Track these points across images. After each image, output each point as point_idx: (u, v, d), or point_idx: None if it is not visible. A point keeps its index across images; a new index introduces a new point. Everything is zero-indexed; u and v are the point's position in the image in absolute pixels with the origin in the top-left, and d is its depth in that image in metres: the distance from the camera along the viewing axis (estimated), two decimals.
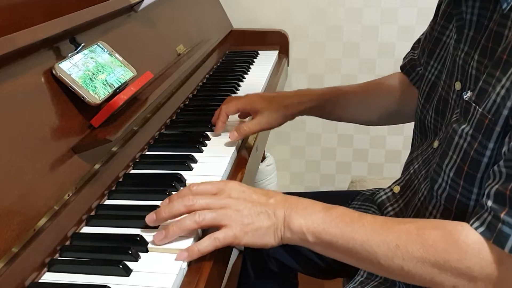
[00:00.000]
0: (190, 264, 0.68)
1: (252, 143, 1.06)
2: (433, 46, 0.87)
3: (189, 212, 0.69)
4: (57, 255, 0.69)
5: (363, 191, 1.07)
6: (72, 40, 0.88)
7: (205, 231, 0.72)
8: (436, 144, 0.81)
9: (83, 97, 0.82)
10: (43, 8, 0.86)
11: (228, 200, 0.69)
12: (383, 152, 1.94)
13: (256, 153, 1.08)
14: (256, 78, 1.42)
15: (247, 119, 1.09)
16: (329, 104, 1.05)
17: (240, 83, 1.37)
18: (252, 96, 1.05)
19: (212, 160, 0.94)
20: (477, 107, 0.65)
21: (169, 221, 0.71)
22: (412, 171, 0.87)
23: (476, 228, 0.61)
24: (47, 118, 0.77)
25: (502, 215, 0.59)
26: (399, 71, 1.07)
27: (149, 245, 0.69)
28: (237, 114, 1.07)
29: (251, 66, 1.52)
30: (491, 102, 0.63)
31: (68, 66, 0.82)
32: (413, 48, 1.03)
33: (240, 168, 0.94)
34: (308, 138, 1.95)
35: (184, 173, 0.87)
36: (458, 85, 0.75)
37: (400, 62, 1.07)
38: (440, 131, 0.82)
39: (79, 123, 0.83)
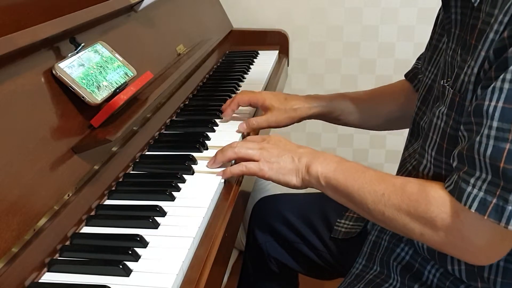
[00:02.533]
0: (190, 263, 0.68)
1: None
2: (431, 53, 0.90)
3: (236, 155, 0.87)
4: (57, 255, 0.69)
5: None
6: (72, 40, 0.88)
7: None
8: (423, 134, 0.83)
9: (83, 97, 0.82)
10: (43, 8, 0.86)
11: (265, 144, 0.87)
12: (383, 152, 1.94)
13: None
14: (256, 78, 1.42)
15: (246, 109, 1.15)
16: (337, 111, 1.10)
17: (240, 83, 1.37)
18: (266, 94, 1.11)
19: None
20: (450, 88, 0.72)
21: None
22: (410, 168, 0.88)
23: (447, 187, 0.69)
24: (47, 118, 0.77)
25: (461, 173, 0.66)
26: (402, 76, 1.10)
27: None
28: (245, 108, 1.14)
29: (251, 66, 1.51)
30: (460, 82, 0.69)
31: (68, 66, 0.82)
32: (418, 58, 1.07)
33: None
34: (308, 138, 1.95)
35: (184, 173, 0.87)
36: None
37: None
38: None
39: (79, 123, 0.83)
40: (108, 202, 0.82)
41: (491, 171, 0.62)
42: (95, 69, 0.88)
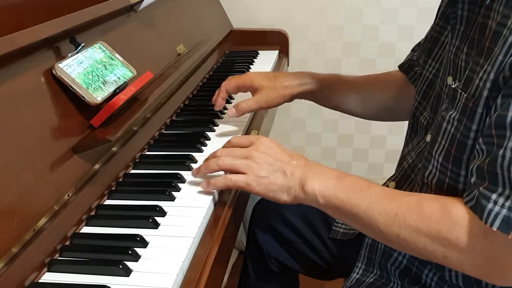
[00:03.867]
0: (190, 263, 0.68)
1: None
2: (432, 46, 0.88)
3: (220, 167, 0.79)
4: (57, 255, 0.69)
5: None
6: (72, 40, 0.87)
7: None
8: (428, 138, 0.83)
9: (83, 97, 0.82)
10: (43, 8, 0.86)
11: (254, 152, 0.77)
12: (383, 152, 1.94)
13: None
14: None
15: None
16: (328, 90, 1.06)
17: None
18: (253, 74, 1.06)
19: None
20: (463, 93, 0.68)
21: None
22: (406, 166, 0.88)
23: (466, 203, 0.64)
24: (47, 118, 0.77)
25: (481, 189, 0.62)
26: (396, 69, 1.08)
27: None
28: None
29: (251, 66, 1.51)
30: (474, 87, 0.66)
31: (68, 66, 0.82)
32: (413, 50, 1.05)
33: None
34: (308, 138, 1.95)
35: (184, 173, 0.87)
36: (450, 79, 0.77)
37: (400, 62, 1.08)
38: (432, 126, 0.82)
39: (79, 123, 0.83)
40: (108, 202, 0.81)
41: None
42: (95, 69, 0.88)
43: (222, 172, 0.81)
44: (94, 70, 0.87)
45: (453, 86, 0.71)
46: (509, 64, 0.61)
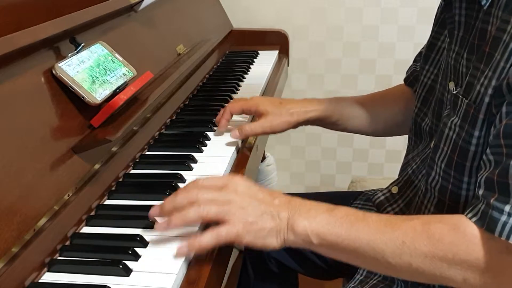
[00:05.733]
0: (190, 263, 0.68)
1: (252, 143, 1.06)
2: (428, 51, 0.88)
3: (201, 217, 0.68)
4: (57, 255, 0.69)
5: (365, 191, 1.07)
6: (72, 40, 0.88)
7: (205, 226, 0.71)
8: (433, 145, 0.82)
9: (83, 97, 0.82)
10: (43, 8, 0.86)
11: (234, 196, 0.68)
12: (383, 152, 1.94)
13: (256, 153, 1.08)
14: (256, 78, 1.42)
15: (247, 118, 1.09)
16: (335, 114, 1.04)
17: (240, 83, 1.37)
18: (259, 99, 1.05)
19: (212, 160, 0.94)
20: (464, 99, 0.67)
21: None
22: (410, 171, 0.88)
23: (470, 218, 0.61)
24: (47, 118, 0.77)
25: (492, 201, 0.59)
26: (402, 76, 1.08)
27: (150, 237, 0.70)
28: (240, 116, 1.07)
29: (251, 66, 1.51)
30: (476, 93, 0.65)
31: (68, 66, 0.82)
32: (415, 60, 1.03)
33: (240, 168, 0.94)
34: (308, 138, 1.95)
35: (184, 173, 0.87)
36: (451, 85, 0.76)
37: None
38: (436, 133, 0.82)
39: (79, 123, 0.83)
40: (108, 202, 0.81)
41: None
42: (95, 69, 0.88)
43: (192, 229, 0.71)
44: (94, 70, 0.87)
45: (454, 92, 0.71)
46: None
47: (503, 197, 0.58)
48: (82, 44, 0.88)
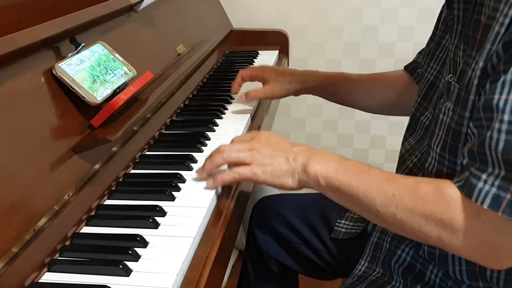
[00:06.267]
0: (190, 263, 0.68)
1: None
2: (434, 50, 0.90)
3: (225, 160, 0.82)
4: (57, 255, 0.69)
5: None
6: (72, 40, 0.88)
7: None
8: (430, 132, 0.83)
9: (83, 97, 0.82)
10: (43, 8, 0.86)
11: (255, 144, 0.82)
12: (383, 152, 1.94)
13: None
14: None
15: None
16: (332, 87, 1.16)
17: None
18: (266, 67, 1.21)
19: None
20: (456, 84, 0.71)
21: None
22: (411, 165, 0.88)
23: (455, 183, 0.66)
24: (47, 118, 0.77)
25: (472, 169, 0.64)
26: (402, 69, 1.10)
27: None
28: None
29: (251, 66, 1.51)
30: (467, 78, 0.68)
31: (68, 66, 0.82)
32: (419, 53, 1.07)
33: None
34: (308, 138, 1.95)
35: (184, 173, 0.87)
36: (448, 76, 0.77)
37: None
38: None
39: (79, 123, 0.83)
40: (108, 202, 0.82)
41: (504, 166, 0.60)
42: (95, 69, 0.88)
43: (224, 169, 0.84)
44: (94, 70, 0.87)
45: (449, 79, 0.73)
46: (496, 52, 0.63)
47: (482, 166, 0.63)
48: (82, 44, 0.88)
